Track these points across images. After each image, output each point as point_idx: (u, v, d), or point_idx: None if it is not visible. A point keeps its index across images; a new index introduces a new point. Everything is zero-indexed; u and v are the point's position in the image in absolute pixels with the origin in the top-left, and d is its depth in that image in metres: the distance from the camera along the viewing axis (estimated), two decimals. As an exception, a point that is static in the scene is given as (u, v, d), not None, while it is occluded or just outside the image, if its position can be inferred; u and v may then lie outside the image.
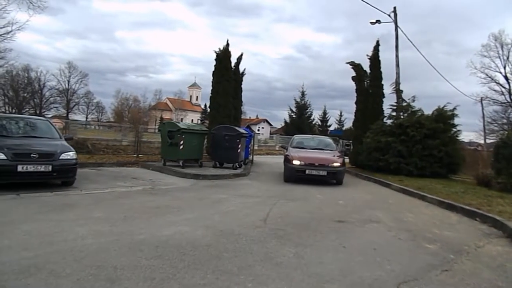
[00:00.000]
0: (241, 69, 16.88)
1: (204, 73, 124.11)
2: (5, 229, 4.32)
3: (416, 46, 30.82)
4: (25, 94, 44.30)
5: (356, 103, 16.21)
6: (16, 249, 3.64)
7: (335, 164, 10.08)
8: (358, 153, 14.99)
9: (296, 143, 12.14)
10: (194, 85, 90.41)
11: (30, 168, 6.76)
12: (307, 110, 42.43)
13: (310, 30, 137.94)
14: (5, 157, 6.57)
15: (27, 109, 42.17)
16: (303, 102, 42.40)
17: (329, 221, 5.71)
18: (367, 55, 15.86)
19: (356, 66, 16.02)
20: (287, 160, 10.41)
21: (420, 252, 4.35)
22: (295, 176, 10.11)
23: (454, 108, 13.64)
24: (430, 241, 4.85)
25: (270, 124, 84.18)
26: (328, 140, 13.06)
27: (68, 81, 55.50)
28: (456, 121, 13.57)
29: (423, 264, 3.90)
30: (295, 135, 14.15)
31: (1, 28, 12.19)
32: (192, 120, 68.83)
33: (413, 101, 14.50)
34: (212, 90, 15.51)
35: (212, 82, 15.49)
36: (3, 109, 37.22)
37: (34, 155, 6.90)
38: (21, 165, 6.66)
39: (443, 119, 13.23)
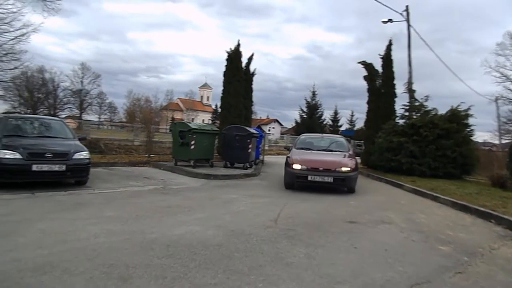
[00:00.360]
0: (251, 69, 16.89)
1: (215, 73, 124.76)
2: (20, 227, 4.40)
3: (429, 45, 30.45)
4: (40, 95, 45.04)
5: (367, 103, 16.09)
6: (31, 247, 3.71)
7: (344, 169, 8.40)
8: (370, 153, 14.87)
9: (301, 144, 10.36)
10: (205, 86, 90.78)
11: (45, 167, 6.88)
12: (318, 110, 42.21)
13: (321, 30, 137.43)
14: (20, 157, 6.70)
15: (42, 110, 42.87)
16: (314, 102, 42.20)
17: (340, 222, 5.68)
18: (379, 55, 15.74)
19: (368, 66, 15.90)
20: (287, 164, 8.90)
21: (433, 254, 4.30)
22: (295, 182, 8.72)
23: (468, 108, 13.42)
24: (443, 242, 4.78)
25: (281, 124, 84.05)
26: (340, 139, 10.94)
27: (81, 82, 56.20)
28: (470, 121, 13.34)
29: (436, 266, 3.85)
30: (301, 135, 12.15)
31: (16, 30, 12.41)
32: (203, 120, 69.15)
33: (426, 100, 14.34)
34: (223, 90, 15.57)
35: (223, 82, 15.55)
36: (18, 110, 37.93)
37: (49, 155, 7.02)
38: (36, 165, 6.78)
39: (457, 119, 13.02)
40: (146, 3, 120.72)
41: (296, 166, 8.55)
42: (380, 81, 15.64)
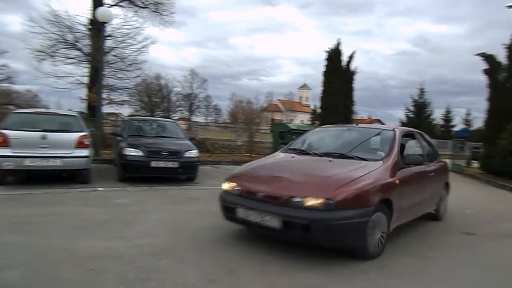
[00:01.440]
0: (352, 67, 16.36)
1: (314, 73, 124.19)
2: (141, 216, 4.98)
3: None
4: (156, 99, 50.47)
5: (488, 99, 14.19)
6: (150, 234, 4.16)
7: (311, 202, 3.44)
8: (490, 157, 13.11)
9: (300, 142, 5.29)
10: (304, 86, 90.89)
11: (161, 164, 7.66)
12: (427, 109, 38.81)
13: (428, 21, 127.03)
14: (142, 154, 7.58)
15: (158, 112, 47.97)
16: (422, 100, 38.95)
17: (455, 233, 5.11)
18: (503, 44, 13.72)
19: (488, 58, 14.02)
20: None
21: None
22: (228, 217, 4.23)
23: None
24: None
25: (384, 125, 79.54)
26: (382, 134, 4.96)
27: (191, 87, 61.19)
28: None
29: None
30: (316, 128, 6.97)
31: (139, 43, 14.12)
32: (302, 120, 69.21)
33: None
34: (322, 90, 15.43)
35: (322, 82, 15.41)
36: (140, 113, 43.10)
37: (164, 153, 7.79)
38: (154, 161, 7.59)
39: None
40: (247, 9, 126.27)
41: (226, 186, 4.26)
42: (504, 74, 13.67)
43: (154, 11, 14.94)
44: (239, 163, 13.00)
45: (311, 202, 3.42)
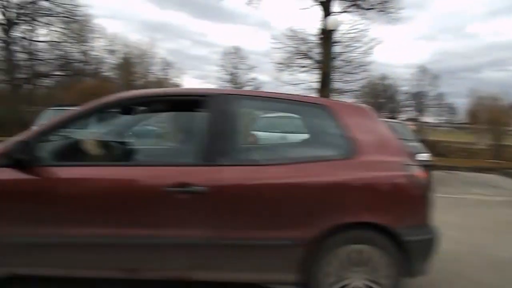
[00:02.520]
0: None
1: None
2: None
3: None
4: (382, 100, 49.61)
5: None
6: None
7: None
8: None
9: None
10: None
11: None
12: None
13: None
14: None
15: (384, 113, 47.13)
16: None
17: None
18: None
19: None
20: None
21: None
22: None
23: None
24: None
25: None
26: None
27: (420, 85, 56.89)
28: None
29: None
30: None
31: (365, 45, 14.28)
32: None
33: None
34: None
35: None
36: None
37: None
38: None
39: None
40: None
41: None
42: None
43: (381, 11, 14.70)
44: (481, 170, 11.14)
45: None
